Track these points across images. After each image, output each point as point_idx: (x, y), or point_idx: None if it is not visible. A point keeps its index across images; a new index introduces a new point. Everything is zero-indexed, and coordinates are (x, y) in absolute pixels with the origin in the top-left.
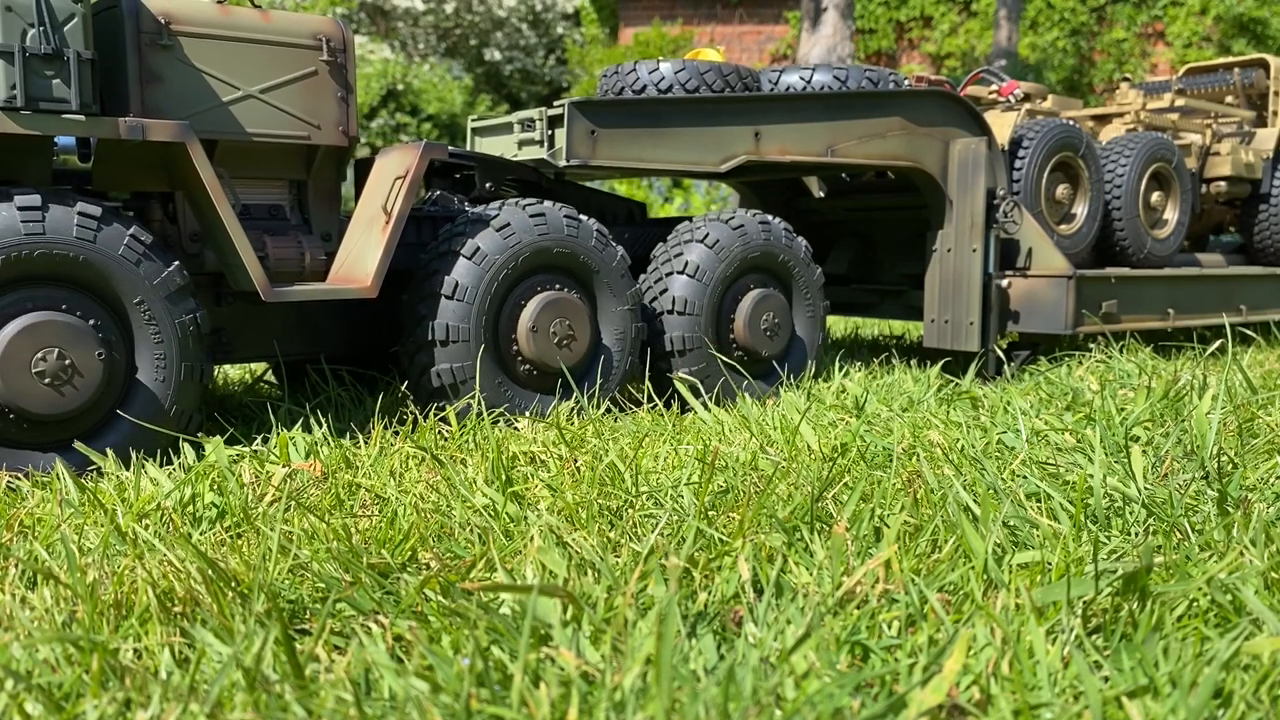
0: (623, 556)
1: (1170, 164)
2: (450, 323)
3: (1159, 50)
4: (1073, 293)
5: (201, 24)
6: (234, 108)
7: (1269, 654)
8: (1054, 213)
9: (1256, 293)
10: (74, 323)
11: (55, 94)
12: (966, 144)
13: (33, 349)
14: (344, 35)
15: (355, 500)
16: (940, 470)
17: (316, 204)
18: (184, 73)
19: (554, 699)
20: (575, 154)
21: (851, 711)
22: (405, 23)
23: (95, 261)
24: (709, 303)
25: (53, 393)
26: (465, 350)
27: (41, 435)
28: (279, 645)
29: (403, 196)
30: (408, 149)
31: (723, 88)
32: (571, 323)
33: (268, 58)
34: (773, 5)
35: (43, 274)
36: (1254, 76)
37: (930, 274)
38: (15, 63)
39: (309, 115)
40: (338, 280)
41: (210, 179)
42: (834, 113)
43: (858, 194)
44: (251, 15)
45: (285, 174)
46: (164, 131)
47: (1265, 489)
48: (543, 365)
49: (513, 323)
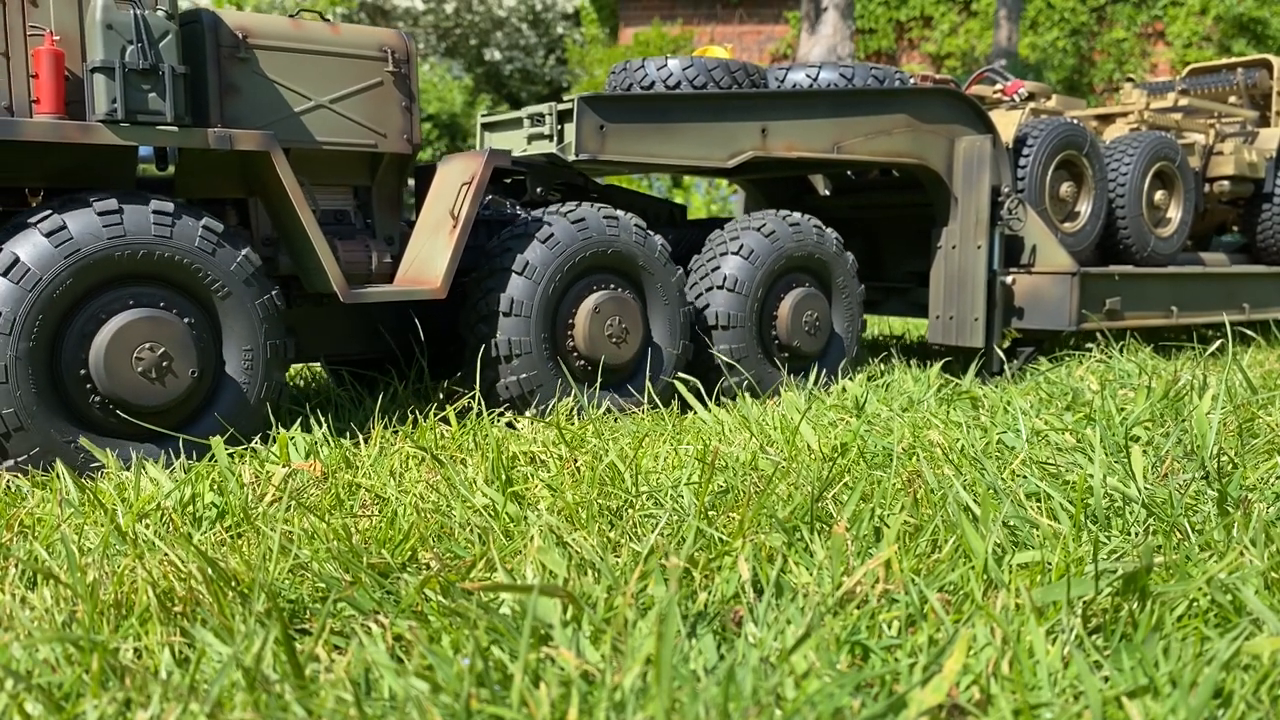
0: (623, 556)
1: (1174, 163)
2: (515, 297)
3: (1159, 50)
4: (1076, 289)
5: (275, 37)
6: (305, 117)
7: (1269, 654)
8: (1058, 210)
9: (1259, 291)
10: (167, 317)
11: (151, 107)
12: (972, 142)
13: (132, 344)
14: (407, 47)
15: (355, 500)
16: (940, 470)
17: (380, 209)
18: (260, 84)
19: (554, 699)
20: (584, 148)
21: (851, 711)
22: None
23: (175, 255)
24: (750, 309)
25: (153, 385)
26: (524, 325)
27: (141, 426)
28: (279, 645)
29: (469, 202)
30: (472, 156)
31: (730, 84)
32: (625, 320)
33: (337, 69)
34: (773, 5)
35: (131, 273)
36: (1257, 77)
37: (935, 270)
38: (116, 78)
39: (375, 124)
40: (406, 282)
41: (292, 186)
42: (840, 110)
43: (863, 192)
44: (321, 28)
45: (351, 180)
46: (250, 141)
47: (1265, 489)
48: (598, 361)
49: (570, 319)
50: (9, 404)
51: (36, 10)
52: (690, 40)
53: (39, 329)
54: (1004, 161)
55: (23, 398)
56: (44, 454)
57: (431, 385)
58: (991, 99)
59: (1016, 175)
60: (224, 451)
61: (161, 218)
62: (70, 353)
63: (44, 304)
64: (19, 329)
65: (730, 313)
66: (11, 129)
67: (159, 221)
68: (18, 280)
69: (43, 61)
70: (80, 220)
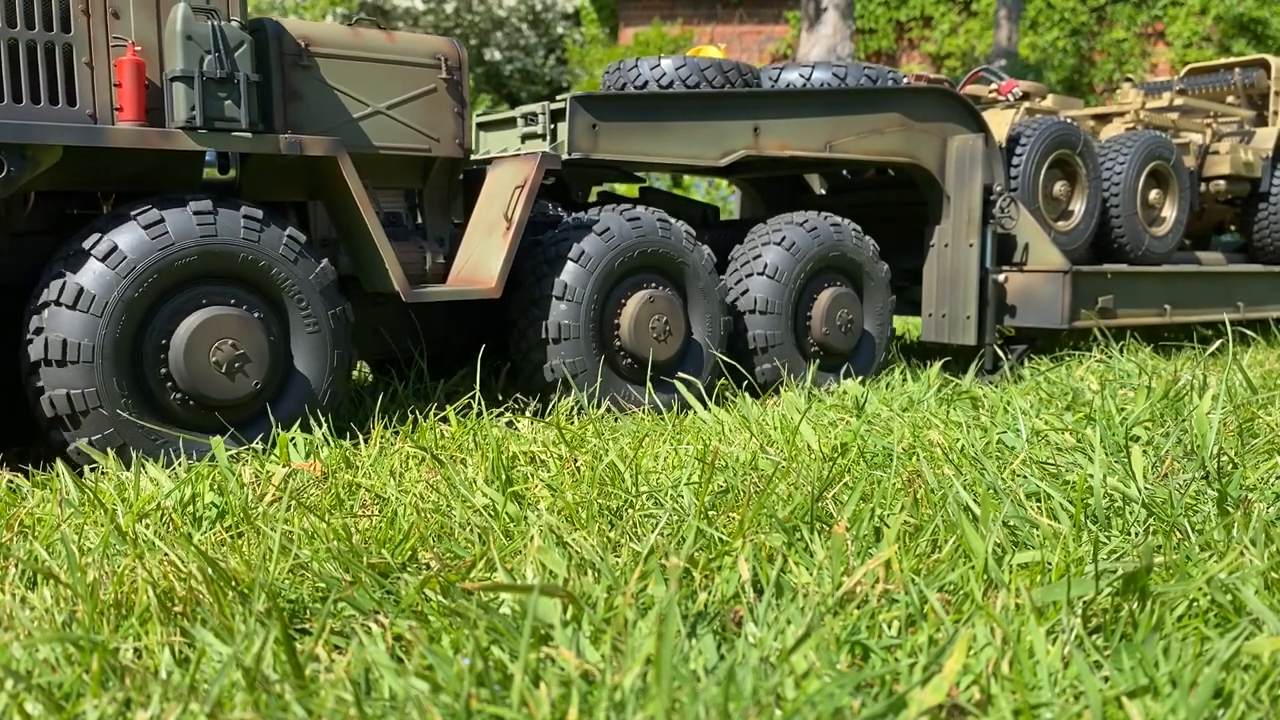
0: (623, 556)
1: (1168, 162)
2: (569, 282)
3: (1159, 50)
4: (1069, 288)
5: (335, 45)
6: (364, 123)
7: (1269, 654)
8: (1051, 209)
9: (1254, 290)
10: (244, 315)
11: (228, 114)
12: (964, 140)
13: (210, 340)
14: (460, 55)
15: (355, 500)
16: (940, 470)
17: (431, 211)
18: (321, 91)
19: (554, 699)
20: (577, 147)
21: (851, 711)
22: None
23: (259, 259)
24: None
25: (228, 380)
26: (576, 346)
27: (214, 419)
28: (279, 645)
29: (522, 204)
30: (523, 160)
31: (723, 84)
32: (668, 318)
33: (393, 76)
34: (773, 5)
35: (215, 272)
36: (1255, 76)
37: (928, 269)
38: (195, 86)
39: (429, 129)
40: (461, 282)
41: (359, 190)
42: (833, 108)
43: (858, 191)
44: (379, 36)
45: (404, 184)
46: (319, 146)
47: (1265, 489)
48: (642, 356)
49: (617, 312)
50: (89, 384)
51: (119, 22)
52: (690, 40)
53: (127, 315)
54: (997, 160)
55: (103, 379)
56: (113, 438)
57: (431, 385)
58: (986, 98)
59: (1009, 174)
60: (224, 452)
61: (251, 223)
62: (152, 342)
63: (135, 292)
64: (110, 312)
65: (768, 299)
66: (99, 136)
67: (249, 226)
68: (114, 267)
69: (125, 71)
70: (177, 217)
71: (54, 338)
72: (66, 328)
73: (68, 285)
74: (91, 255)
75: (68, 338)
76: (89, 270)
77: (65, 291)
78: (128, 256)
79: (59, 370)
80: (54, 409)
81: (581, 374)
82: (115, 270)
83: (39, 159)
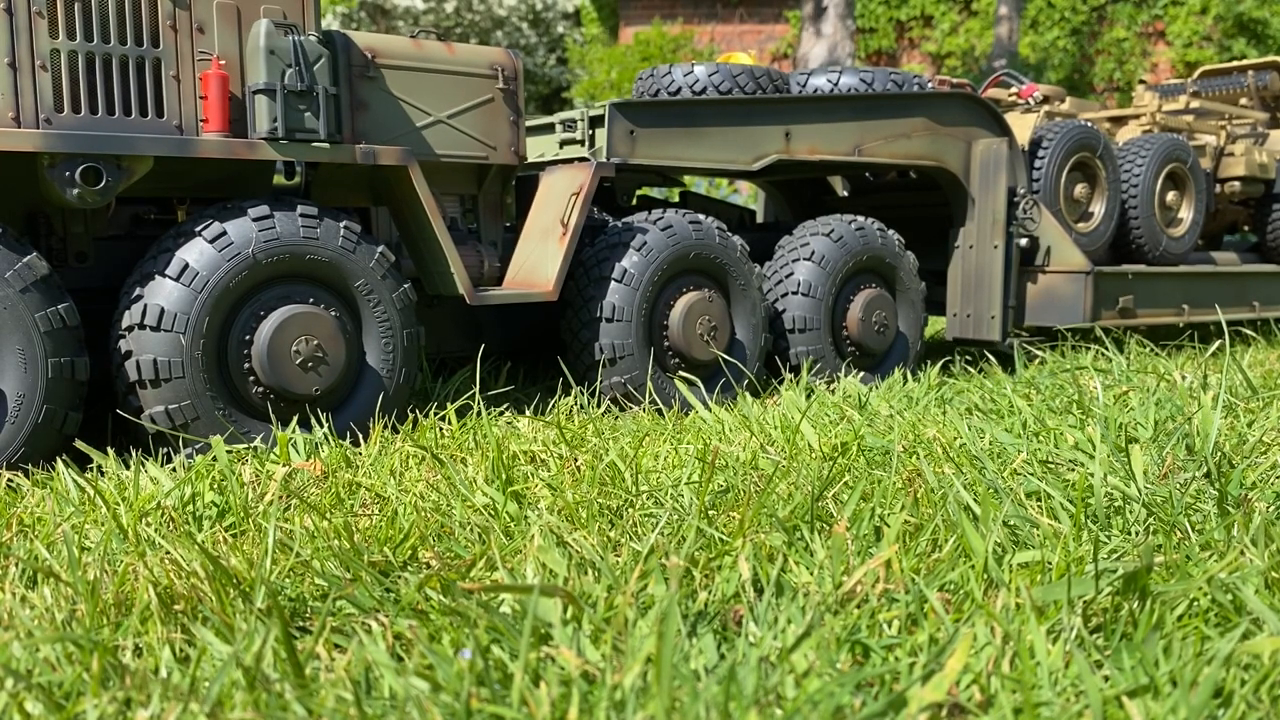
0: (623, 556)
1: (1185, 164)
2: (617, 304)
3: (1159, 50)
4: (1090, 288)
5: (399, 57)
6: (426, 131)
7: (1269, 654)
8: (1072, 211)
9: (1269, 289)
10: (319, 312)
11: (307, 125)
12: (988, 144)
13: (291, 337)
14: (515, 65)
15: (355, 499)
16: (940, 469)
17: (485, 217)
18: (386, 100)
19: (554, 698)
20: (615, 152)
21: (852, 710)
22: (405, 22)
23: (321, 253)
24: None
25: (308, 374)
26: (626, 329)
27: (296, 412)
28: (279, 644)
29: (578, 210)
30: (578, 168)
31: (755, 90)
32: (713, 318)
33: (453, 86)
34: (773, 4)
35: (285, 272)
36: (1268, 79)
37: (953, 269)
38: (277, 99)
39: (487, 137)
40: (518, 285)
41: (427, 197)
42: (861, 113)
43: (880, 193)
44: (439, 48)
45: (460, 190)
46: (391, 156)
47: (1265, 489)
48: (694, 359)
49: (666, 317)
50: (187, 396)
51: (204, 37)
52: (690, 40)
53: (209, 326)
54: (1020, 163)
55: (197, 390)
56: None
57: (433, 385)
58: (1007, 102)
59: (1032, 177)
60: (224, 450)
61: (309, 220)
62: (235, 346)
63: (212, 303)
64: (192, 328)
65: (806, 316)
66: (187, 146)
67: (306, 225)
68: (189, 284)
69: (211, 84)
70: (238, 226)
71: (145, 360)
72: (154, 348)
73: (149, 308)
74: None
75: (157, 357)
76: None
77: (148, 313)
78: (199, 273)
79: (153, 390)
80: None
81: (639, 387)
82: (190, 287)
83: (133, 169)
